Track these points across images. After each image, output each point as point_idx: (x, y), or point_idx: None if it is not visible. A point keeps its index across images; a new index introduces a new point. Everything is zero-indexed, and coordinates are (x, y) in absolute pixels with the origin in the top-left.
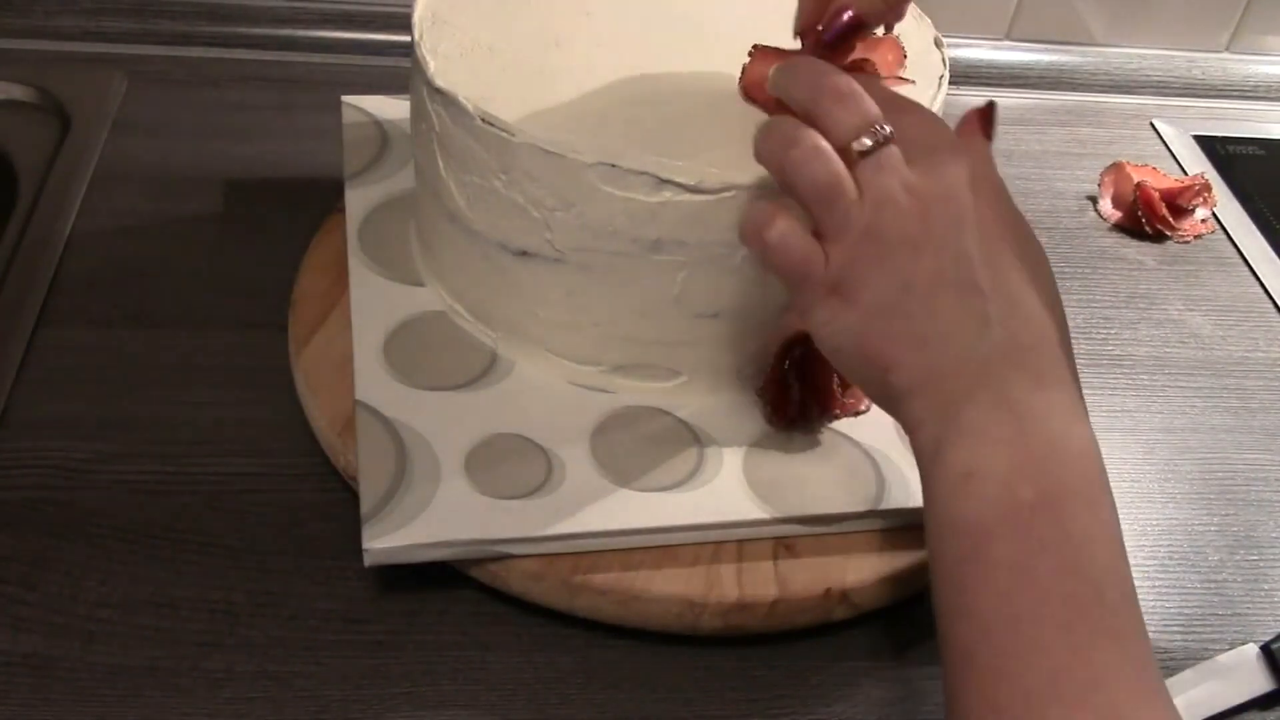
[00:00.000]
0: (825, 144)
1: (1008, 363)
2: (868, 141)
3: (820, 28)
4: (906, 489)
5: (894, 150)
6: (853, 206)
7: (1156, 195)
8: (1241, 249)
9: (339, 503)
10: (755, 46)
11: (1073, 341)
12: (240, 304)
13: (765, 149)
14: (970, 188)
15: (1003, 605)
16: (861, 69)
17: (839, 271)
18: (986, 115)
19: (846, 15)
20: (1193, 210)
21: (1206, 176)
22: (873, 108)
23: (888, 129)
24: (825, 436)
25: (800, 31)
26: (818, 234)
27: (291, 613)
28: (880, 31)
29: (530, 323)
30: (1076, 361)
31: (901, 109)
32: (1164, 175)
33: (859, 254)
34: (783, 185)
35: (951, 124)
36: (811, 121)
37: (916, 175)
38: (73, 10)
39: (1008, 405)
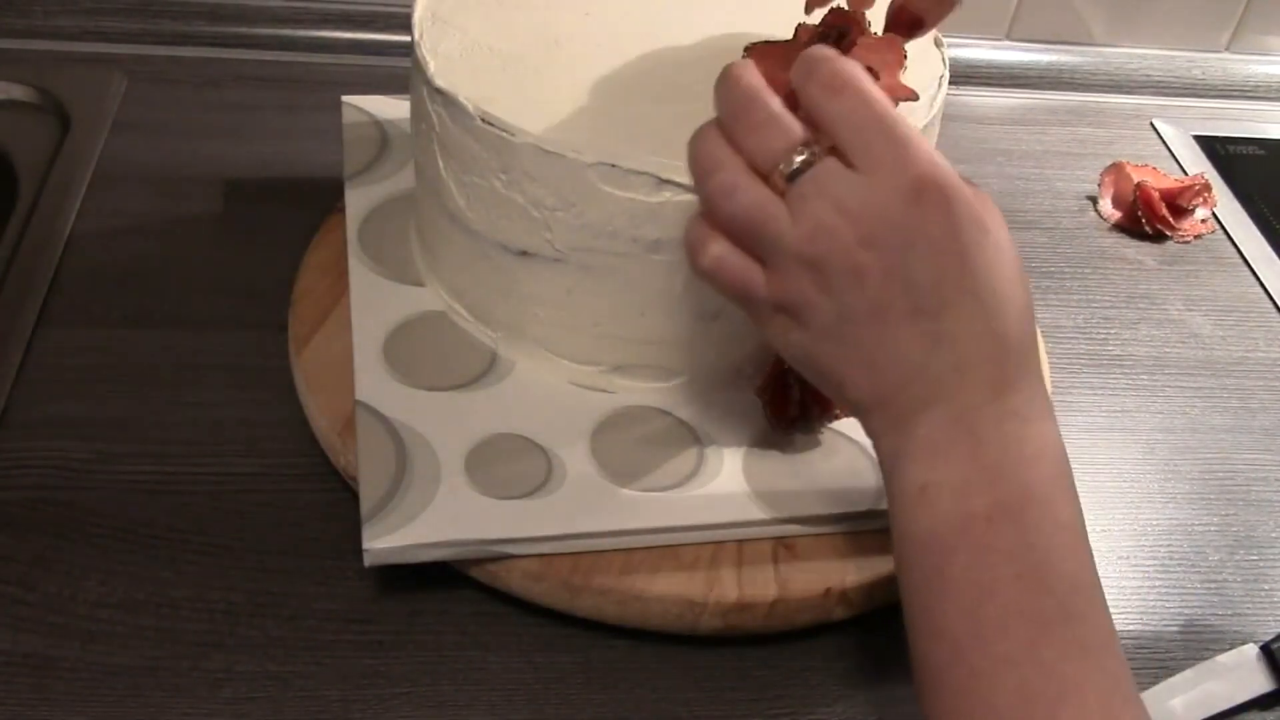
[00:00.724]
0: (745, 175)
1: (960, 377)
2: (796, 161)
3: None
4: None
5: (825, 167)
6: (782, 235)
7: (1156, 195)
8: (1241, 249)
9: (339, 503)
10: (749, 46)
11: (1072, 341)
12: (240, 304)
13: (691, 169)
14: (916, 196)
15: (968, 622)
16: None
17: (779, 296)
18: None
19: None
20: (1193, 210)
21: (1206, 176)
22: (793, 127)
23: (815, 147)
24: (825, 436)
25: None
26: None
27: (291, 613)
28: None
29: (530, 323)
30: (1076, 361)
31: (837, 92)
32: (1164, 175)
33: (797, 281)
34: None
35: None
36: (733, 144)
37: (855, 189)
38: (73, 10)
39: (960, 417)
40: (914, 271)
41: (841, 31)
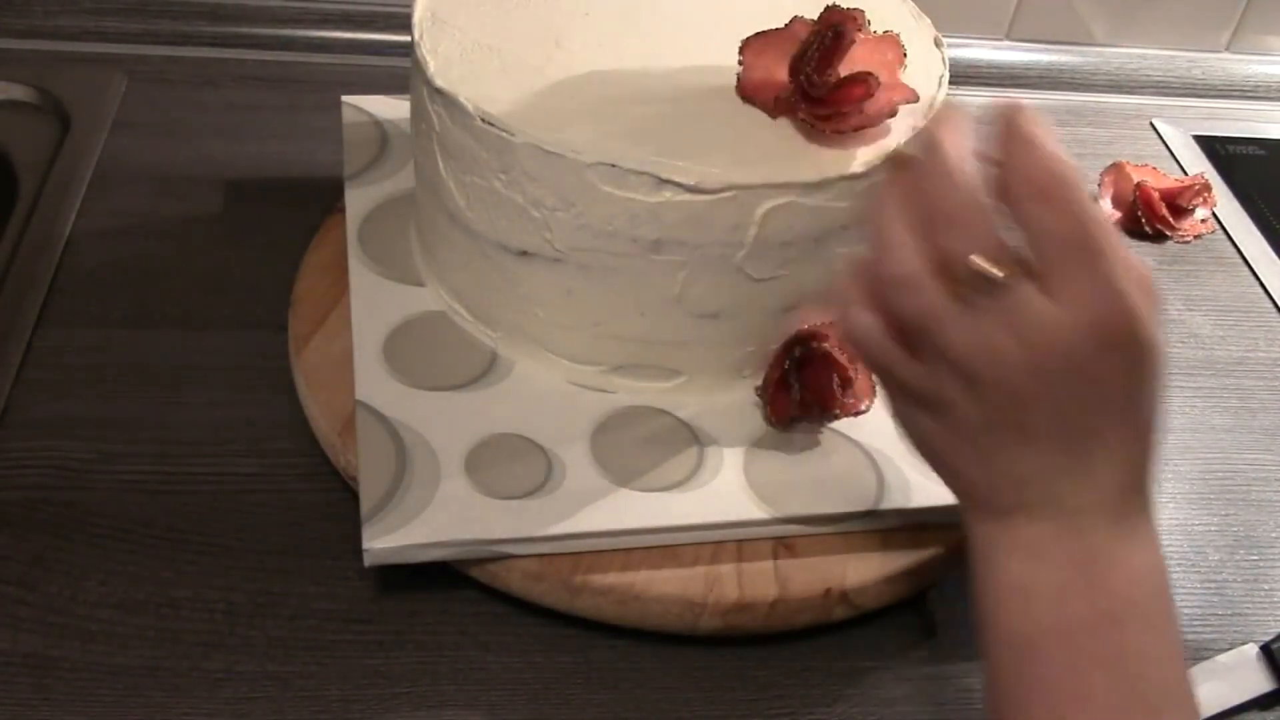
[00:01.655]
0: (929, 274)
1: (1078, 498)
2: (989, 277)
3: None
4: (906, 489)
5: (1020, 296)
6: (949, 342)
7: (1156, 195)
8: (1241, 249)
9: (339, 503)
10: (743, 44)
11: None
12: (240, 304)
13: (872, 239)
14: (1105, 342)
15: None
16: (864, 83)
17: (921, 388)
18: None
19: None
20: (1193, 210)
21: (1206, 176)
22: (993, 236)
23: (1013, 269)
24: (825, 436)
25: None
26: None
27: (292, 613)
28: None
29: (530, 323)
30: None
31: (1043, 196)
32: (1164, 175)
33: (947, 384)
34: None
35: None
36: (923, 226)
37: (1042, 320)
38: (73, 10)
39: (1068, 524)
40: (1075, 408)
41: (838, 30)
